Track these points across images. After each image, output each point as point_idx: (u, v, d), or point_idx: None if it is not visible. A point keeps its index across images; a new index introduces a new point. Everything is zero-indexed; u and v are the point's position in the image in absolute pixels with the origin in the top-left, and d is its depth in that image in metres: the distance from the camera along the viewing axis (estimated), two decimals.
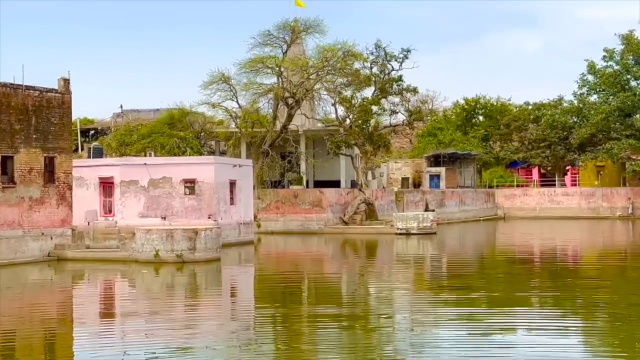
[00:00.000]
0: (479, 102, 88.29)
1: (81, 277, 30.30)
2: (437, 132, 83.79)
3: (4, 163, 33.63)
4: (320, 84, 61.11)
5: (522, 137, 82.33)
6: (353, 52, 59.12)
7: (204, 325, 20.82)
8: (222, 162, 45.79)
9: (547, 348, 16.29)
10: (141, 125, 66.56)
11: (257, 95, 62.64)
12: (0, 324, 20.97)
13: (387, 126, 63.20)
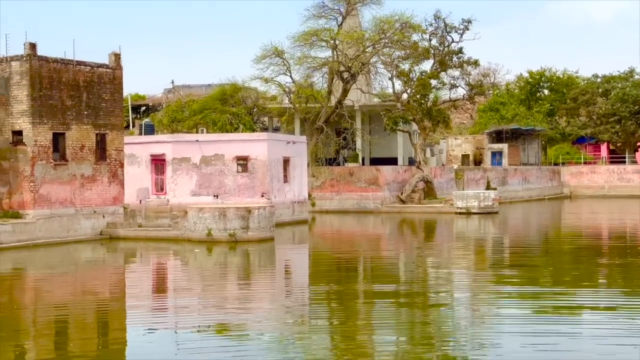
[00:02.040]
0: (544, 75, 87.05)
1: (133, 255, 30.76)
2: (499, 106, 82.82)
3: (55, 140, 34.14)
4: (377, 57, 60.79)
5: (590, 111, 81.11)
6: (411, 23, 58.78)
7: (258, 303, 21.15)
8: (275, 139, 45.91)
9: (613, 327, 16.17)
10: (193, 101, 66.95)
11: (311, 69, 62.46)
12: (54, 301, 21.37)
13: (446, 101, 62.78)
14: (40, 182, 33.52)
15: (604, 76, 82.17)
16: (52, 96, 33.98)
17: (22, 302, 21.89)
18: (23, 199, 33.36)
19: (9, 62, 33.57)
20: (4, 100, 33.29)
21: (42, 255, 29.96)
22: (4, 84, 33.34)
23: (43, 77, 33.66)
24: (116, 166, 36.90)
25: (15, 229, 32.11)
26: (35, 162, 33.36)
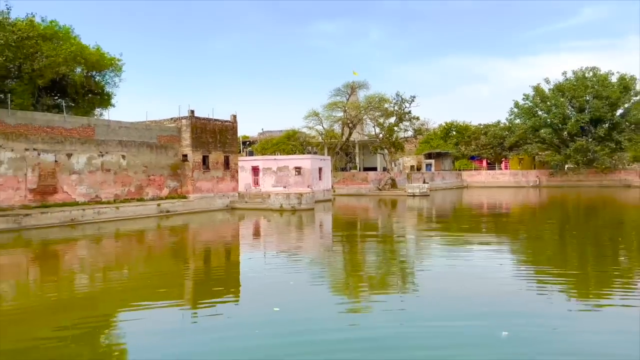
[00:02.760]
0: (453, 125, 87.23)
1: (243, 217, 31.69)
2: (430, 140, 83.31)
3: (204, 159, 35.38)
4: (366, 116, 61.68)
5: (477, 142, 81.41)
6: (384, 98, 59.80)
7: (305, 240, 21.94)
8: (314, 158, 46.80)
9: (486, 252, 16.91)
10: (272, 139, 67.99)
11: (333, 122, 63.78)
12: (205, 238, 22.47)
13: (402, 138, 63.28)
14: (196, 180, 34.66)
15: (484, 124, 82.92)
16: (202, 137, 35.20)
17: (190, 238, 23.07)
18: (188, 189, 34.49)
19: (180, 120, 34.77)
20: (178, 138, 34.48)
21: (197, 218, 30.60)
22: (178, 130, 34.53)
23: (197, 127, 34.88)
24: (234, 172, 38.13)
25: (184, 204, 33.26)
26: (194, 170, 34.51)
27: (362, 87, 63.45)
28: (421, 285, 12.03)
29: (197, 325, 9.20)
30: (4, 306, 10.65)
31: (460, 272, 13.28)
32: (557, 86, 71.94)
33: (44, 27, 30.98)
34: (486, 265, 14.21)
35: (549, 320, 8.95)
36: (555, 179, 73.74)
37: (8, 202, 24.84)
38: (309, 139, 66.47)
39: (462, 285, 11.75)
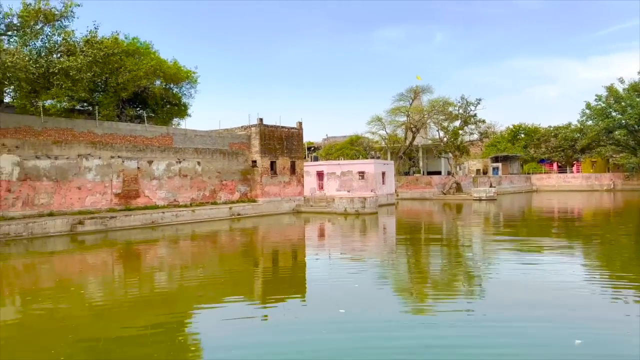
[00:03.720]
0: (521, 127, 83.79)
1: (308, 220, 31.95)
2: (496, 143, 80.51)
3: (272, 164, 35.98)
4: (430, 120, 60.53)
5: (547, 145, 77.72)
6: (448, 101, 58.42)
7: (369, 242, 21.77)
8: (378, 162, 46.56)
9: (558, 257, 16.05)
10: (336, 144, 68.27)
11: (396, 127, 63.18)
12: (272, 240, 22.81)
13: (467, 141, 61.48)
14: (264, 185, 35.41)
15: (554, 127, 78.82)
16: (270, 143, 35.92)
17: (259, 240, 23.53)
18: (257, 193, 35.30)
19: (250, 127, 35.69)
20: (248, 145, 35.39)
21: (265, 220, 30.98)
22: (248, 138, 35.45)
23: (265, 134, 35.65)
24: (300, 177, 38.57)
25: (253, 207, 34.05)
26: (262, 175, 35.28)
27: (426, 91, 62.40)
28: (488, 289, 11.64)
29: (267, 325, 9.37)
30: (92, 301, 11.39)
31: (529, 276, 12.81)
32: (633, 86, 67.15)
33: (127, 43, 32.91)
34: (557, 270, 13.53)
35: (623, 325, 8.47)
36: (631, 182, 68.95)
37: (96, 206, 26.55)
38: (372, 143, 66.14)
39: (531, 289, 11.28)
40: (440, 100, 59.08)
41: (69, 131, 25.92)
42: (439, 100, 59.04)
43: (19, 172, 23.66)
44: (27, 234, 22.00)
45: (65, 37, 24.43)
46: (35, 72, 21.76)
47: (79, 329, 9.10)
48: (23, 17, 23.47)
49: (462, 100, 56.98)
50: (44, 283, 13.61)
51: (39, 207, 24.27)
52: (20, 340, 8.51)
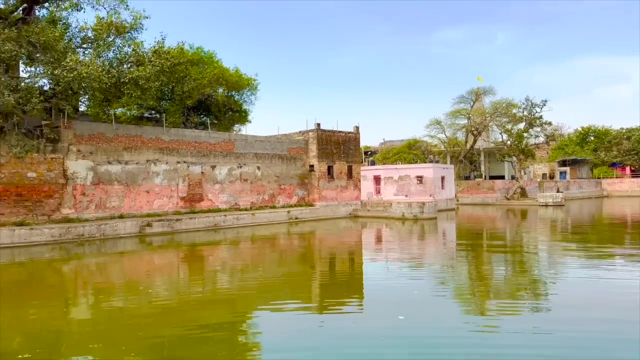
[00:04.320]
0: (590, 129, 79.56)
1: (365, 225, 31.80)
2: (564, 146, 76.97)
3: (329, 168, 36.08)
4: (493, 122, 58.62)
5: (619, 148, 73.42)
6: (512, 103, 56.29)
7: (428, 248, 21.40)
8: (436, 166, 45.55)
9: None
10: (393, 148, 67.63)
11: (456, 130, 61.67)
12: (330, 244, 22.83)
13: (532, 144, 58.95)
14: (322, 189, 35.60)
15: (627, 128, 74.43)
16: (327, 148, 36.10)
17: (316, 244, 23.62)
18: (314, 197, 35.55)
19: (307, 132, 36.05)
20: (306, 150, 35.74)
21: (322, 224, 31.06)
22: (305, 142, 35.80)
23: (323, 138, 35.87)
24: (357, 181, 38.45)
25: (310, 211, 34.32)
26: (319, 179, 35.50)
27: (488, 93, 60.41)
28: (554, 300, 11.07)
29: (324, 328, 9.37)
30: (158, 300, 11.87)
31: (598, 288, 12.07)
32: None
33: (191, 53, 34.28)
34: (631, 283, 12.66)
35: None
36: None
37: (163, 209, 27.72)
38: (431, 147, 64.95)
39: (599, 299, 10.66)
40: (503, 101, 57.04)
41: (139, 138, 27.25)
42: (502, 102, 57.02)
43: (92, 177, 25.12)
44: (99, 235, 23.30)
45: (135, 48, 25.77)
46: (108, 82, 23.05)
47: (147, 326, 9.51)
48: (96, 31, 24.98)
49: (526, 102, 54.78)
50: (114, 282, 14.34)
51: (110, 209, 25.64)
52: (93, 336, 9.01)
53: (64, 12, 24.98)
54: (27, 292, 12.93)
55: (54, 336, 9.02)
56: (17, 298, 12.01)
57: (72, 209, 24.20)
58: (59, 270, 16.52)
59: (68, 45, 23.11)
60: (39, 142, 22.77)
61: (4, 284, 13.95)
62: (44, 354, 7.80)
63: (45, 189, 23.30)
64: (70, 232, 22.40)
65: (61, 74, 21.14)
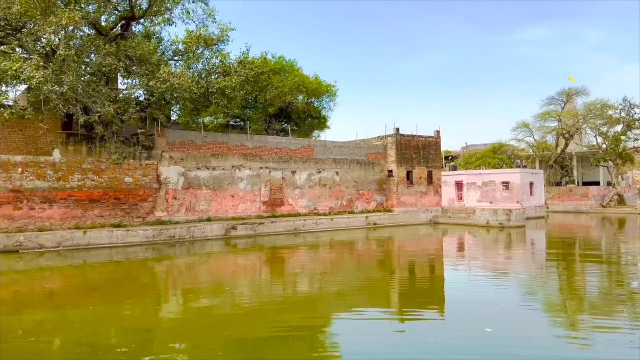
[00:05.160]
0: None
1: (446, 232, 30.98)
2: None
3: (408, 174, 35.51)
4: (586, 125, 54.66)
5: None
6: (607, 104, 52.07)
7: (515, 257, 20.45)
8: (524, 172, 43.42)
9: None
10: (476, 152, 65.24)
11: (545, 133, 58.36)
12: (409, 250, 22.39)
13: (631, 148, 54.20)
14: (400, 194, 35.11)
15: None
16: (406, 153, 35.57)
17: (395, 250, 23.24)
18: (392, 203, 35.14)
19: (386, 137, 35.75)
20: (384, 155, 35.46)
21: (401, 231, 30.72)
22: (384, 147, 35.52)
23: (402, 143, 35.40)
24: (437, 187, 37.53)
25: (389, 217, 33.94)
26: (398, 185, 35.03)
27: (580, 94, 56.50)
28: None
29: (403, 336, 9.19)
30: (242, 301, 12.26)
31: None
32: None
33: (274, 62, 35.36)
34: None
35: None
36: None
37: (246, 212, 28.72)
38: (517, 151, 61.94)
39: None
40: (597, 102, 53.02)
41: (225, 145, 28.48)
42: (596, 103, 53.02)
43: (183, 182, 26.59)
44: (189, 237, 24.59)
45: (221, 59, 27.02)
46: (197, 92, 24.34)
47: (232, 326, 9.86)
48: (186, 43, 26.49)
49: (624, 103, 50.63)
50: (202, 282, 15.04)
51: (199, 212, 26.99)
52: (183, 334, 9.48)
53: (157, 27, 26.78)
54: (123, 289, 13.91)
55: (146, 332, 9.60)
56: (114, 295, 12.95)
57: (165, 212, 25.76)
58: (151, 270, 17.62)
59: (161, 58, 24.71)
60: (135, 149, 24.50)
61: (103, 281, 15.11)
62: (138, 350, 8.32)
63: (141, 193, 25.00)
64: (162, 233, 23.86)
65: (155, 85, 22.64)
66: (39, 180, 22.06)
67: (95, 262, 18.48)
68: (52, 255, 19.68)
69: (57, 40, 20.71)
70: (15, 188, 21.49)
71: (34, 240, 20.69)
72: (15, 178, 21.52)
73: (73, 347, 8.56)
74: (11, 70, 19.14)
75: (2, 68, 19.26)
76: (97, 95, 21.41)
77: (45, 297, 12.83)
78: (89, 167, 23.47)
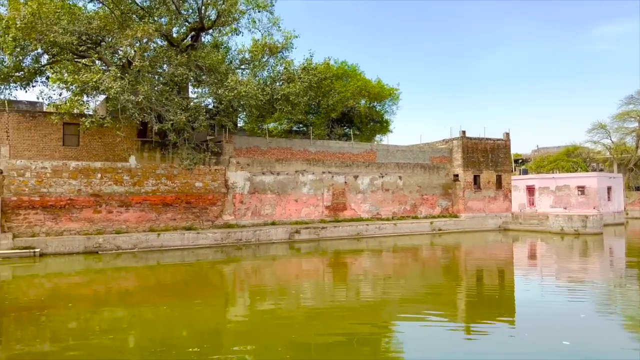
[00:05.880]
0: None
1: (517, 239, 29.74)
2: None
3: (475, 178, 34.47)
4: None
5: None
6: None
7: (591, 265, 19.34)
8: (601, 176, 40.90)
9: None
10: (548, 156, 62.15)
11: (624, 134, 54.63)
12: (474, 260, 21.68)
13: None
14: (467, 199, 34.13)
15: None
16: (473, 156, 34.57)
17: (462, 257, 22.61)
18: (458, 208, 34.22)
19: (452, 140, 34.90)
20: (449, 159, 34.63)
21: (468, 237, 29.98)
22: (449, 151, 34.68)
23: (468, 146, 34.43)
24: (507, 191, 36.15)
25: (455, 223, 33.07)
26: (465, 189, 34.07)
27: None
28: None
29: (472, 347, 8.89)
30: (306, 305, 12.37)
31: None
32: None
33: (336, 67, 35.56)
34: None
35: None
36: None
37: (309, 217, 29.01)
38: (594, 154, 58.42)
39: None
40: None
41: (288, 150, 28.97)
42: None
43: (249, 186, 27.30)
44: (254, 240, 25.20)
45: (286, 66, 27.56)
46: (263, 99, 24.94)
47: (296, 329, 9.98)
48: (253, 52, 27.24)
49: None
50: (268, 284, 15.34)
51: (264, 216, 27.59)
52: (250, 335, 9.70)
53: (225, 37, 27.75)
54: (193, 290, 14.47)
55: (216, 333, 9.92)
56: (186, 295, 13.49)
57: (232, 216, 26.55)
58: (220, 272, 18.21)
59: (229, 67, 25.56)
60: (205, 156, 25.47)
61: (175, 282, 15.79)
62: (209, 350, 8.61)
63: (210, 197, 25.94)
64: (230, 236, 24.62)
65: (223, 93, 23.45)
66: (116, 185, 23.46)
67: (168, 263, 19.37)
68: (128, 256, 20.84)
69: (132, 52, 21.98)
70: (95, 192, 22.99)
71: (111, 242, 22.01)
72: (95, 183, 23.03)
73: (148, 345, 9.00)
74: (92, 82, 20.54)
75: (83, 80, 20.73)
76: (169, 104, 22.49)
77: (121, 296, 13.60)
78: (162, 172, 24.69)
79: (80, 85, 21.34)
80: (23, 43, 20.76)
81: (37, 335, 9.37)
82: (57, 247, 20.95)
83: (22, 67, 22.35)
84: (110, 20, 22.21)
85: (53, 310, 11.41)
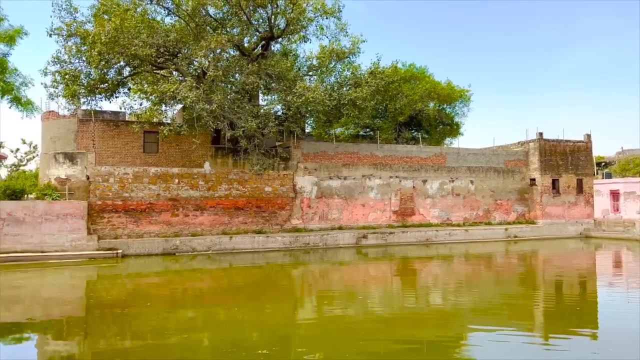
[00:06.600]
0: None
1: (600, 246, 27.84)
2: None
3: (553, 182, 32.82)
4: None
5: None
6: None
7: None
8: None
9: None
10: (634, 158, 57.55)
11: None
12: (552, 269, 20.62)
13: None
14: (545, 205, 32.52)
15: None
16: (551, 159, 32.94)
17: (540, 266, 21.61)
18: (535, 214, 32.67)
19: (528, 143, 33.45)
20: (525, 162, 33.18)
21: (546, 245, 28.49)
22: (525, 154, 33.21)
23: (546, 149, 32.86)
24: (588, 196, 34.04)
25: (532, 229, 31.57)
26: (542, 194, 32.50)
27: None
28: None
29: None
30: (374, 310, 12.28)
31: None
32: None
33: (404, 70, 35.12)
34: None
35: None
36: None
37: (376, 222, 28.81)
38: None
39: None
40: None
41: (355, 154, 28.98)
42: None
43: (316, 191, 27.59)
44: (322, 245, 25.41)
45: (353, 71, 27.64)
46: (330, 104, 25.16)
47: (364, 335, 9.94)
48: (320, 59, 27.55)
49: None
50: (335, 289, 15.40)
51: (331, 221, 27.76)
52: (318, 339, 9.79)
53: (293, 44, 28.29)
54: (264, 292, 14.82)
55: (285, 336, 10.10)
56: (256, 297, 13.85)
57: (300, 220, 26.95)
58: (289, 275, 18.53)
59: (297, 74, 26.03)
60: (274, 161, 26.07)
61: (246, 284, 16.25)
62: (278, 352, 8.78)
63: (279, 201, 26.49)
64: (298, 240, 25.00)
65: (292, 99, 23.92)
66: (192, 189, 24.58)
67: (239, 265, 20.00)
68: (203, 258, 21.74)
69: (207, 62, 22.98)
70: (173, 197, 24.21)
71: (188, 244, 23.06)
72: (172, 188, 24.25)
73: (220, 345, 9.33)
74: (169, 92, 21.70)
75: (162, 90, 21.93)
76: (241, 111, 23.27)
77: (196, 296, 14.20)
78: (234, 177, 25.57)
79: (159, 95, 22.61)
80: (107, 57, 22.33)
81: (118, 333, 10.00)
82: (137, 249, 22.27)
83: (107, 79, 24.04)
84: (185, 33, 23.38)
85: (134, 309, 12.12)
